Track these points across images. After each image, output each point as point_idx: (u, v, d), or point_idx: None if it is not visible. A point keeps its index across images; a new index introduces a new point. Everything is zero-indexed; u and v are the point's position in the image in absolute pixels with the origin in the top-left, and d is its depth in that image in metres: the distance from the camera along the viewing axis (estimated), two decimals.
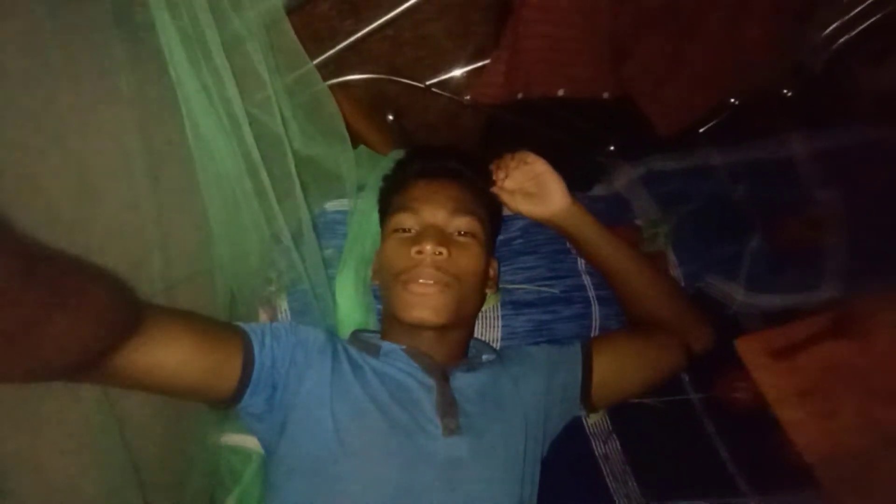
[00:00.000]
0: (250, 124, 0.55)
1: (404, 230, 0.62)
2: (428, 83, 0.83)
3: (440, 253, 0.58)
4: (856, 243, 0.81)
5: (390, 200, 0.67)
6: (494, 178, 0.71)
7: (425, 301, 0.57)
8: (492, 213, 0.69)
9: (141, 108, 0.46)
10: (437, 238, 0.58)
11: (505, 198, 0.71)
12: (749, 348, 0.80)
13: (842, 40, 0.87)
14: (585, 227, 0.70)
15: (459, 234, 0.61)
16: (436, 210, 0.61)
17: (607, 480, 0.70)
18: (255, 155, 0.55)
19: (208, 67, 0.47)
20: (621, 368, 0.66)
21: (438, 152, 0.69)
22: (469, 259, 0.60)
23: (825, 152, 0.86)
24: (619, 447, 0.73)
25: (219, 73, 0.48)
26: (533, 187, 0.70)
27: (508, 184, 0.70)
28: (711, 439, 0.76)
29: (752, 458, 0.73)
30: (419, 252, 0.58)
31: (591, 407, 0.66)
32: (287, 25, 0.58)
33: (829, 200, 0.83)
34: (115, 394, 0.49)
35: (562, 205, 0.68)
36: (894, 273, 0.78)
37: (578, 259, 0.79)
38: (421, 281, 0.58)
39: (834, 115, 0.90)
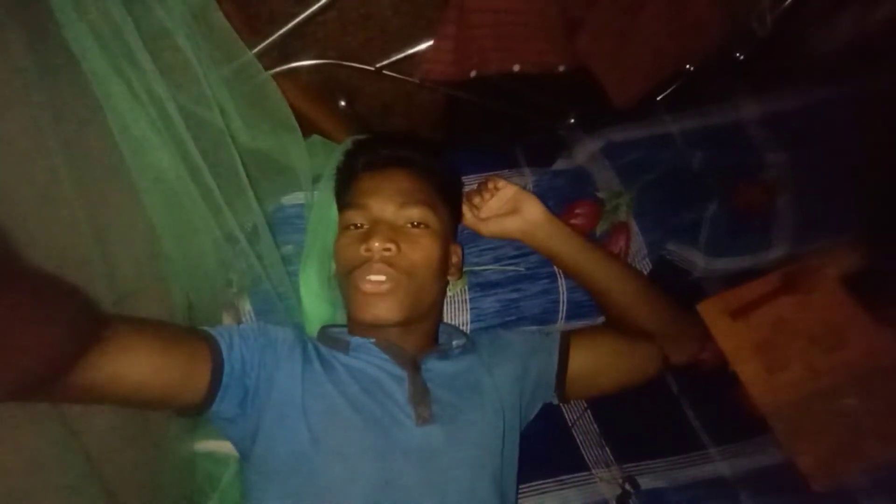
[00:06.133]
0: (188, 121, 0.52)
1: (355, 226, 0.60)
2: (379, 65, 0.79)
3: (388, 249, 0.57)
4: (802, 203, 0.84)
5: (342, 196, 0.65)
6: (468, 211, 0.70)
7: (377, 300, 0.56)
8: (448, 197, 0.66)
9: (55, 111, 0.42)
10: (384, 234, 0.57)
11: (479, 226, 0.70)
12: (709, 311, 0.83)
13: (788, 2, 0.88)
14: (565, 239, 0.67)
15: (412, 225, 0.60)
16: (384, 204, 0.60)
17: (582, 451, 0.72)
18: (195, 154, 0.52)
19: (130, 65, 0.44)
20: (596, 367, 0.67)
21: (383, 140, 0.67)
22: (422, 251, 0.59)
23: (774, 115, 0.88)
24: (592, 416, 0.75)
25: (143, 69, 0.44)
26: (505, 209, 0.69)
27: (483, 213, 0.69)
28: (678, 399, 0.80)
29: (714, 413, 0.77)
30: (367, 250, 0.57)
31: (563, 396, 0.67)
32: (217, 13, 0.54)
33: (778, 163, 0.86)
34: (74, 414, 0.47)
35: (536, 215, 0.67)
36: (835, 230, 0.82)
37: None
38: (371, 278, 0.56)
39: (783, 78, 0.91)
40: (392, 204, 0.60)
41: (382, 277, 0.56)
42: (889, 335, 0.78)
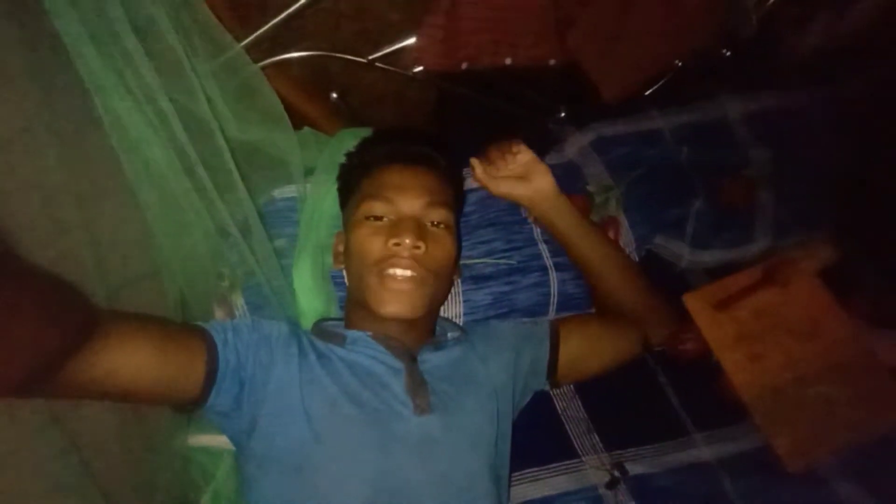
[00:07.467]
0: (177, 113, 0.51)
1: (376, 217, 0.60)
2: (371, 57, 0.79)
3: (418, 247, 0.57)
4: (783, 199, 0.88)
5: (358, 183, 0.64)
6: (484, 168, 0.71)
7: (402, 297, 0.57)
8: (459, 200, 0.69)
9: (47, 106, 0.41)
10: (415, 231, 0.57)
11: (489, 184, 0.72)
12: (694, 302, 0.85)
13: (769, 4, 0.90)
14: (566, 214, 0.71)
15: (433, 224, 0.61)
16: (412, 200, 0.60)
17: (572, 439, 0.74)
18: (188, 146, 0.51)
19: (122, 56, 0.43)
20: (584, 351, 0.69)
21: (410, 135, 0.67)
22: (443, 251, 0.60)
23: (756, 114, 0.91)
24: (582, 405, 0.77)
25: (134, 60, 0.43)
26: (517, 172, 0.71)
27: (499, 173, 0.71)
28: (663, 388, 0.82)
29: (698, 400, 0.80)
30: (397, 244, 0.57)
31: (555, 383, 0.70)
32: (203, 4, 0.53)
33: (761, 160, 0.89)
34: (66, 413, 0.46)
35: (546, 185, 0.70)
36: (813, 225, 0.85)
37: (534, 228, 0.81)
38: (398, 271, 0.57)
39: (763, 79, 0.94)
40: (420, 202, 0.60)
41: (409, 273, 0.57)
42: (858, 326, 0.82)
